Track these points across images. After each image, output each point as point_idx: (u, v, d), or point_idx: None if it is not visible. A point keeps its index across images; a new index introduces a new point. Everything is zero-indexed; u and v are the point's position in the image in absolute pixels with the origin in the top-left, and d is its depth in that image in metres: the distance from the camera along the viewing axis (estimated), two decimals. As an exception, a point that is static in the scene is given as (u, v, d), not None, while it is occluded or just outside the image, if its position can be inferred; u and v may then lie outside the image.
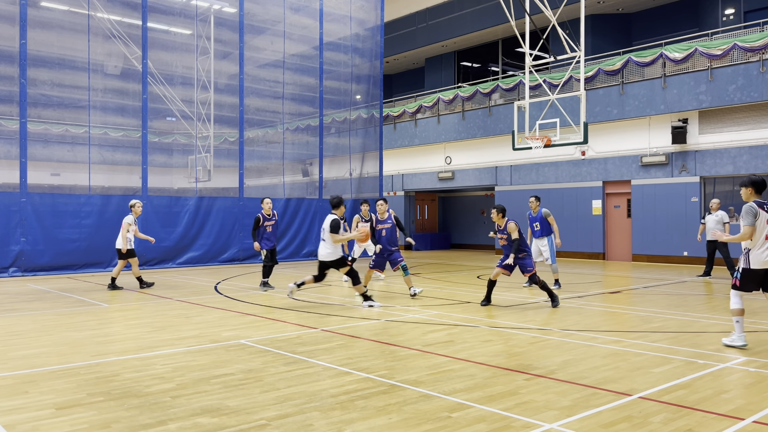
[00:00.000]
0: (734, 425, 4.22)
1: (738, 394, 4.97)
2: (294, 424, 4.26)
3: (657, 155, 18.85)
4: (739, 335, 6.65)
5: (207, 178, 19.66)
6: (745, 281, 6.60)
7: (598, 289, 12.29)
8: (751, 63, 16.79)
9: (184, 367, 5.88)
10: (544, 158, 21.38)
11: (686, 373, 5.60)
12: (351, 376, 5.54)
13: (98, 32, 17.25)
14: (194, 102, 19.62)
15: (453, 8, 26.88)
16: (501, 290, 12.16)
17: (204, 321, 8.58)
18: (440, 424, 4.26)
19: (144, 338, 7.39)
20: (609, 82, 19.89)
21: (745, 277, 6.58)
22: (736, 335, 6.68)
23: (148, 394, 4.98)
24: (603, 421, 4.30)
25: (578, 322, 8.41)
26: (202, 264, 18.09)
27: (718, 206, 14.27)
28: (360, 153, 22.69)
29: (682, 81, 18.12)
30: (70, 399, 4.86)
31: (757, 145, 17.02)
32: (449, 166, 25.24)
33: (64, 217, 16.01)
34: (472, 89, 23.78)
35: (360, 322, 8.39)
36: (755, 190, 6.63)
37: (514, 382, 5.33)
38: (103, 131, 18.13)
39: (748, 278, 6.58)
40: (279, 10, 20.48)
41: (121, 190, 17.40)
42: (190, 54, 19.48)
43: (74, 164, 17.61)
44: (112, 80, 17.90)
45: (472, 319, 8.71)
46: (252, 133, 20.81)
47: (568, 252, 20.97)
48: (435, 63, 30.17)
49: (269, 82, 20.79)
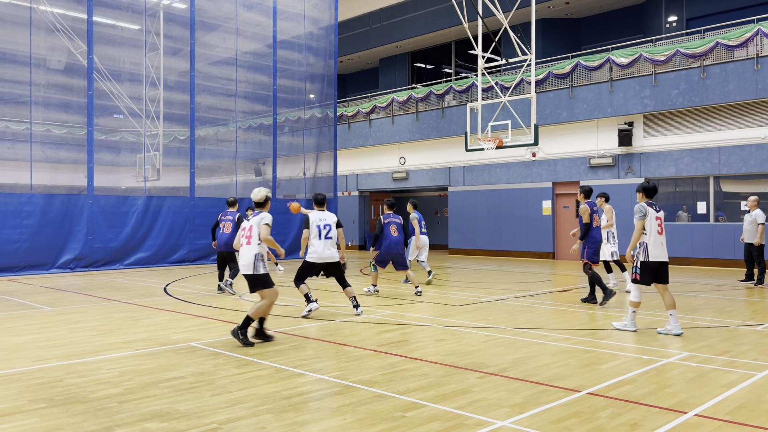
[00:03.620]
0: (677, 418, 4.38)
1: (680, 388, 5.15)
2: (246, 428, 4.19)
3: (604, 157, 19.39)
4: (632, 322, 7.60)
5: (156, 177, 19.19)
6: (644, 274, 7.41)
7: (547, 288, 12.55)
8: (693, 69, 17.45)
9: (131, 371, 5.72)
10: (496, 159, 21.71)
11: (631, 369, 5.77)
12: (304, 377, 5.50)
13: (41, 25, 16.63)
14: (143, 99, 19.12)
15: (407, 9, 27.02)
16: (454, 289, 12.29)
17: (153, 324, 8.37)
18: (394, 423, 4.27)
19: (89, 342, 7.15)
20: (559, 85, 20.35)
21: (644, 270, 7.40)
22: (629, 321, 7.61)
23: (94, 400, 4.82)
24: (553, 417, 4.39)
25: (529, 321, 8.57)
26: (151, 265, 17.65)
27: (755, 204, 12.68)
28: (314, 153, 22.56)
29: (627, 85, 18.68)
30: (10, 406, 4.66)
31: (697, 148, 17.70)
32: (403, 166, 25.36)
33: (4, 217, 15.36)
34: (426, 90, 23.96)
35: (313, 323, 8.33)
36: (646, 195, 7.72)
37: (466, 380, 5.39)
38: (46, 128, 17.49)
39: (646, 271, 7.39)
40: (231, 7, 20.17)
41: (65, 189, 16.81)
42: (138, 50, 18.98)
43: (15, 162, 16.93)
44: (56, 75, 17.27)
45: (426, 318, 8.76)
46: (203, 131, 20.43)
47: (519, 252, 21.36)
48: (389, 63, 30.27)
49: (221, 79, 20.45)
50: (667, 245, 7.68)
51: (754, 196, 12.86)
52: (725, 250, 16.96)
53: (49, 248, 15.92)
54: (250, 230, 6.94)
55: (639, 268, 7.40)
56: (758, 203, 12.83)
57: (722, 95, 16.85)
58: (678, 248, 17.77)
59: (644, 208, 7.47)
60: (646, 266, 7.38)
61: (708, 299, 10.78)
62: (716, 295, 11.29)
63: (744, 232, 12.86)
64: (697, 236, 17.66)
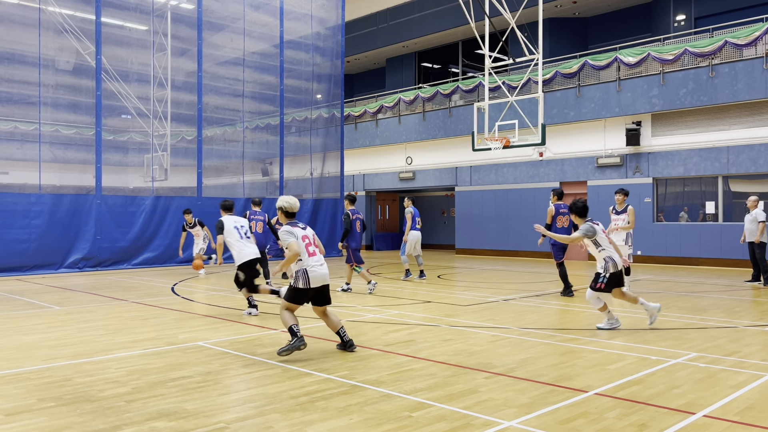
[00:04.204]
0: (686, 419, 4.35)
1: (689, 389, 5.12)
2: (254, 427, 4.20)
3: (612, 156, 19.31)
4: (614, 319, 7.79)
5: (164, 177, 19.26)
6: (610, 284, 7.66)
7: (555, 288, 12.51)
8: (701, 68, 17.36)
9: (139, 371, 5.74)
10: (503, 159, 21.66)
11: (639, 370, 5.74)
12: (311, 377, 5.51)
13: (49, 26, 16.73)
14: (151, 99, 19.20)
15: (414, 9, 27.00)
16: (461, 290, 12.29)
17: (160, 323, 8.41)
18: (401, 423, 4.27)
19: (97, 341, 7.19)
20: (566, 84, 20.29)
21: (611, 280, 7.64)
22: (611, 321, 7.77)
23: (102, 399, 4.84)
24: (560, 418, 4.38)
25: (536, 321, 8.55)
26: (158, 265, 17.72)
27: (755, 204, 12.72)
28: (321, 153, 22.59)
29: (635, 84, 18.60)
30: (19, 405, 4.69)
31: (706, 148, 17.60)
32: (410, 166, 25.35)
33: (13, 216, 15.46)
34: (433, 90, 23.94)
35: (320, 323, 8.34)
36: (578, 215, 7.96)
37: (473, 380, 5.38)
38: (55, 128, 17.58)
39: (612, 281, 7.65)
40: (238, 7, 20.22)
41: (74, 189, 16.89)
42: (146, 50, 19.05)
43: (24, 162, 17.03)
44: (64, 76, 17.36)
45: (433, 318, 8.75)
46: (211, 131, 20.49)
47: (526, 252, 21.31)
48: (396, 63, 30.26)
49: (229, 79, 20.50)
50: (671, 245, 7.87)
51: (754, 196, 12.95)
52: (734, 250, 16.85)
53: (58, 248, 16.00)
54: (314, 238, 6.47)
55: (607, 279, 7.66)
56: (758, 203, 12.85)
57: (731, 94, 16.75)
58: (686, 248, 17.69)
59: (591, 228, 7.75)
60: (613, 276, 7.68)
61: (716, 299, 10.72)
62: (725, 296, 11.23)
63: (745, 231, 12.91)
64: (705, 236, 17.56)
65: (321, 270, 6.27)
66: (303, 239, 6.24)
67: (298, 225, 6.40)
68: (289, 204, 6.46)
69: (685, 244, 17.80)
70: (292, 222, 6.43)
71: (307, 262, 6.20)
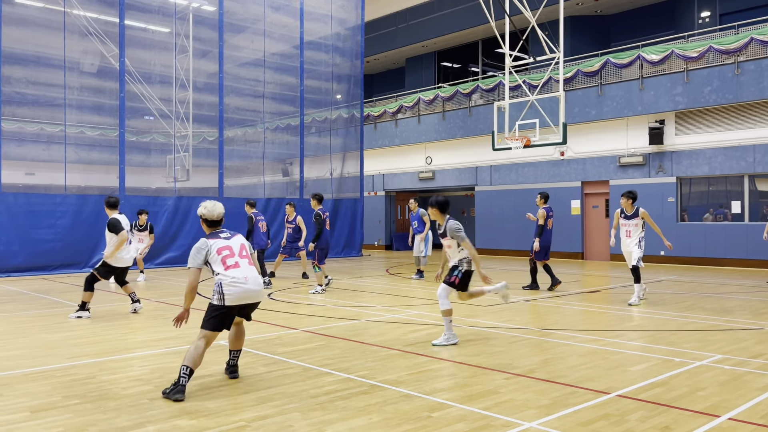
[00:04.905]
0: (710, 422, 4.28)
1: (713, 391, 5.04)
2: (274, 425, 4.23)
3: (635, 156, 19.08)
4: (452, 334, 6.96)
5: (186, 178, 19.47)
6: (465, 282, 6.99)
7: (576, 289, 12.40)
8: (726, 65, 17.07)
9: (162, 369, 5.81)
10: (523, 158, 21.52)
11: (663, 371, 5.67)
12: (331, 376, 5.52)
13: (74, 29, 17.00)
14: (173, 101, 19.42)
15: (433, 8, 26.95)
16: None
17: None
18: (420, 423, 4.26)
19: (121, 340, 7.29)
20: (587, 83, 20.09)
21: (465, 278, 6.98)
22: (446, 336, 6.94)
23: (126, 396, 4.91)
24: (581, 420, 4.33)
25: (557, 322, 8.48)
26: (181, 264, 17.91)
27: None
28: (341, 153, 22.65)
29: (658, 82, 18.36)
30: (45, 402, 4.78)
31: (731, 146, 17.31)
32: (430, 166, 25.30)
33: (39, 217, 15.74)
34: (453, 89, 23.87)
35: (340, 323, 8.37)
36: (440, 210, 7.10)
37: (493, 381, 5.36)
38: (79, 130, 17.87)
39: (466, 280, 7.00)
40: (259, 9, 20.36)
41: (98, 189, 17.15)
42: (168, 52, 19.27)
43: (49, 163, 17.33)
44: (89, 78, 17.64)
45: (453, 318, 8.72)
46: (231, 132, 20.66)
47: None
48: (415, 63, 30.22)
49: (249, 80, 20.66)
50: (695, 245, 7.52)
51: None
52: (760, 250, 16.54)
53: (83, 248, 16.25)
54: None
55: (462, 273, 6.97)
56: None
57: (757, 92, 16.45)
58: (712, 249, 17.41)
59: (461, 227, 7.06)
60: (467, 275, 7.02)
61: (742, 301, 10.53)
62: (751, 297, 11.03)
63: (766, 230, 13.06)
64: (730, 236, 17.26)
65: (243, 286, 5.15)
66: (220, 251, 5.24)
67: (220, 236, 5.34)
68: (208, 210, 5.41)
69: (709, 245, 17.52)
70: (213, 233, 5.38)
71: (222, 277, 5.17)
